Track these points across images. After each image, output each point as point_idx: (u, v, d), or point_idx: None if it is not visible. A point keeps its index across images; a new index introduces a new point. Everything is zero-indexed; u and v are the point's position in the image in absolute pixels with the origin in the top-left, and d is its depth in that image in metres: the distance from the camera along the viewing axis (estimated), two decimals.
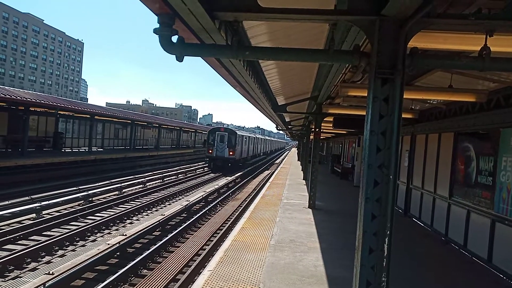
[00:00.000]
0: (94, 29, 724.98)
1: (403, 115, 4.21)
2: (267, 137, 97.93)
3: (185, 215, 16.53)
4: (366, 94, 4.10)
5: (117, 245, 10.96)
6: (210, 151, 38.43)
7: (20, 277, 8.95)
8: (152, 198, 20.28)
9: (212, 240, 12.42)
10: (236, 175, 32.64)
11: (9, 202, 15.53)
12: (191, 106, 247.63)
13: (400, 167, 14.57)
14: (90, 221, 14.20)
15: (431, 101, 10.95)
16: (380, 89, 3.88)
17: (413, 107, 12.12)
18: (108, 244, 10.95)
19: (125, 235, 12.05)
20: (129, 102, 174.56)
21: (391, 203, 3.92)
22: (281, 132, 54.48)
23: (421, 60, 4.33)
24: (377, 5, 3.78)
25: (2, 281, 8.59)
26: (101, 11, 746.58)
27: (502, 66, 4.67)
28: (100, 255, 10.03)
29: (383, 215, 3.90)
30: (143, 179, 25.68)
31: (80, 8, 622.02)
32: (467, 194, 9.47)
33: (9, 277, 8.86)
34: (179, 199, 20.81)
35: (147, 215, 16.60)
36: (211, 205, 18.63)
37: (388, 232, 3.89)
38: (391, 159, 3.88)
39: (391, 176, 3.88)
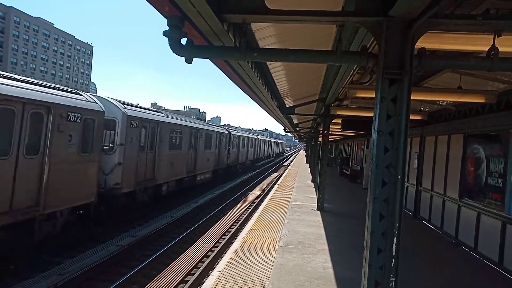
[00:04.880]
0: (103, 33, 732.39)
1: (412, 117, 4.21)
2: (242, 132, 45.40)
3: None
4: (374, 96, 4.12)
5: None
6: None
7: None
8: None
9: (220, 242, 12.48)
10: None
11: None
12: (199, 109, 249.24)
13: (410, 169, 14.49)
14: None
15: (440, 103, 10.89)
16: (388, 89, 3.89)
17: (422, 108, 12.06)
18: None
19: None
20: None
21: (399, 203, 3.92)
22: (289, 134, 54.19)
23: (429, 60, 4.34)
24: (384, 6, 3.80)
25: None
26: (111, 15, 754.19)
27: (511, 66, 4.66)
28: None
29: (391, 215, 3.90)
30: None
31: (90, 11, 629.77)
32: (477, 196, 9.39)
33: None
34: None
35: None
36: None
37: (397, 232, 3.89)
38: (398, 159, 3.88)
39: (399, 176, 3.89)
